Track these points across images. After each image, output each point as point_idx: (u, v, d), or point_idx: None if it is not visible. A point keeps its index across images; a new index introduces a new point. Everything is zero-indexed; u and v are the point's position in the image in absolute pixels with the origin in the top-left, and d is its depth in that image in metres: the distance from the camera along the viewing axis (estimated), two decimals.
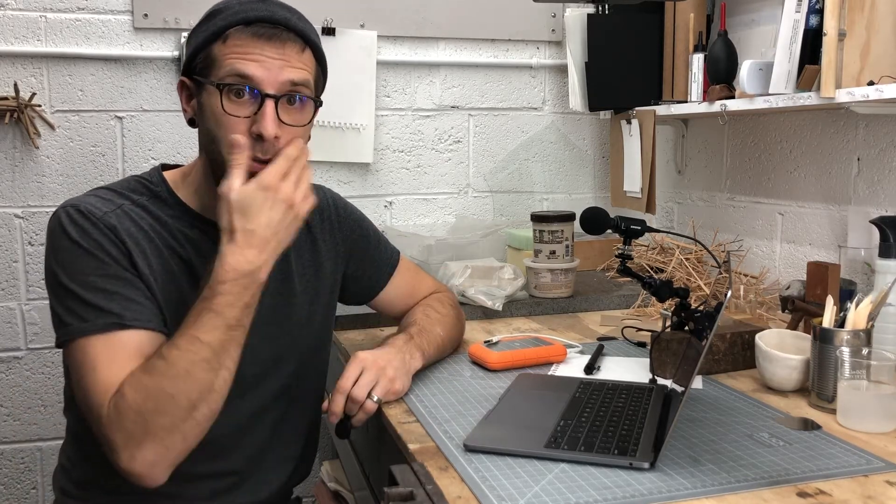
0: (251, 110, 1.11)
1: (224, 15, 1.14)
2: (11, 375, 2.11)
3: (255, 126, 1.10)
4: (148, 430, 1.01)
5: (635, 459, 0.98)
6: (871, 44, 1.43)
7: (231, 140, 1.09)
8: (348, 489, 1.73)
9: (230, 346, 1.05)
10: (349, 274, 1.42)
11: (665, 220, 2.37)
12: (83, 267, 1.10)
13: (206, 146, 1.18)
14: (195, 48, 1.16)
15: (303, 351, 1.32)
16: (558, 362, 1.45)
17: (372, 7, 2.24)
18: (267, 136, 1.10)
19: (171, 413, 1.01)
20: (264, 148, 1.11)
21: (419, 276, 1.54)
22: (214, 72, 1.13)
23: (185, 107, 1.20)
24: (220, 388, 1.05)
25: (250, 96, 1.11)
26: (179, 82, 1.20)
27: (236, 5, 1.15)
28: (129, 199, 1.19)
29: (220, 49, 1.13)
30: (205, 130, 1.16)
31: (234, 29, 1.12)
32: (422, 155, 2.37)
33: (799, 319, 1.48)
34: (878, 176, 1.63)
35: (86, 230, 1.11)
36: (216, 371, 1.04)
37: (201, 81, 1.15)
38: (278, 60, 1.12)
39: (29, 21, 2.03)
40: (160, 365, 1.02)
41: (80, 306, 1.08)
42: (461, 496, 0.91)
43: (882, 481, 0.94)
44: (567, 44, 2.21)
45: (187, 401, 1.02)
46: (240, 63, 1.11)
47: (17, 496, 2.15)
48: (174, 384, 1.01)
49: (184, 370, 1.01)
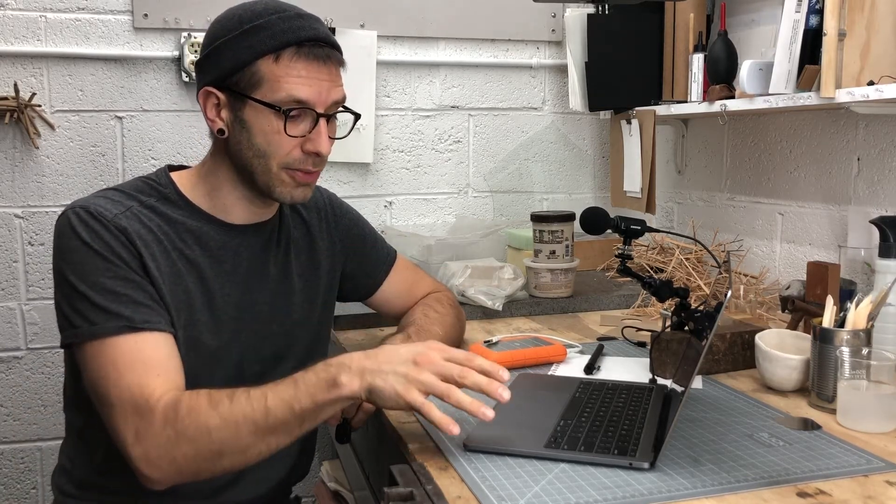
0: (305, 130, 1.17)
1: (270, 32, 1.14)
2: (11, 375, 2.11)
3: (313, 145, 1.18)
4: (173, 450, 1.02)
5: (635, 459, 0.98)
6: (871, 44, 1.43)
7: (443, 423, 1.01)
8: (348, 489, 1.73)
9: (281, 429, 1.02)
10: (346, 272, 1.43)
11: (665, 220, 2.37)
12: (93, 268, 1.10)
13: (245, 158, 1.19)
14: (237, 63, 1.15)
15: (302, 349, 1.32)
16: (558, 362, 1.45)
17: (372, 7, 2.24)
18: (325, 154, 1.19)
19: (199, 448, 1.02)
20: (315, 161, 1.20)
21: (417, 275, 1.55)
22: (266, 92, 1.15)
23: (212, 117, 1.19)
24: (251, 458, 1.04)
25: (304, 117, 1.17)
26: (205, 92, 1.19)
27: (277, 21, 1.15)
28: (138, 200, 1.19)
29: (271, 69, 1.14)
30: (249, 145, 1.18)
31: (288, 49, 1.14)
32: (422, 155, 2.37)
33: (799, 319, 1.48)
34: (878, 176, 1.63)
35: (96, 232, 1.11)
36: (256, 442, 1.02)
37: (246, 96, 1.16)
38: (327, 82, 1.18)
39: (29, 21, 2.03)
40: (222, 400, 1.03)
41: (90, 308, 1.08)
42: (461, 496, 0.91)
43: (882, 481, 0.94)
44: (567, 44, 2.21)
45: (218, 448, 1.02)
46: (298, 88, 1.15)
47: (17, 496, 2.15)
48: (219, 425, 1.01)
49: (234, 418, 1.01)
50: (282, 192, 1.20)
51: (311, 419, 1.03)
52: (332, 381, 1.01)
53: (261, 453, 1.05)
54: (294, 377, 1.03)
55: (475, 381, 1.01)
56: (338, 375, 1.01)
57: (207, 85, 1.18)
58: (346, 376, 1.01)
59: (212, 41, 1.18)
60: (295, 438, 1.05)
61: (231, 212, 1.24)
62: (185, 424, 1.02)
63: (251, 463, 1.05)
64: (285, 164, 1.18)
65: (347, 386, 1.00)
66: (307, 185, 1.22)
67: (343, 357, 1.04)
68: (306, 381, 1.02)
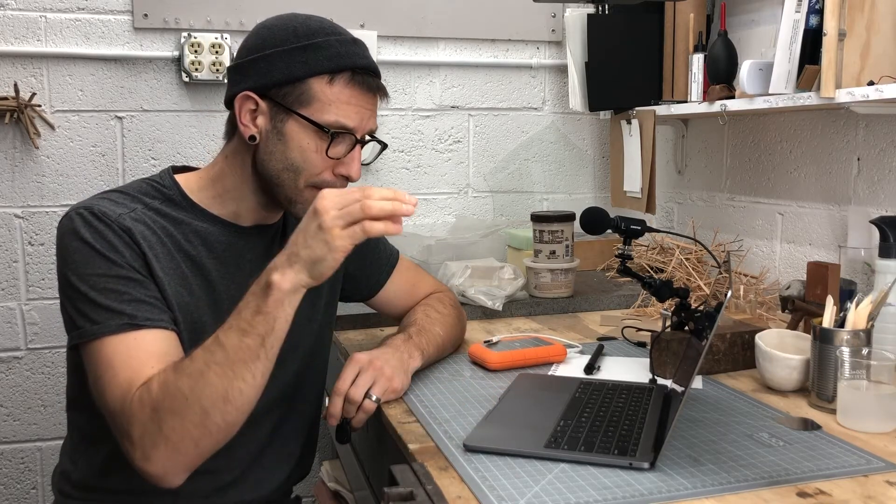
0: (342, 153, 1.19)
1: (328, 54, 1.15)
2: (11, 375, 2.11)
3: (345, 169, 1.20)
4: (161, 429, 1.01)
5: (635, 459, 0.98)
6: (871, 44, 1.43)
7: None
8: (348, 489, 1.73)
9: (245, 355, 1.02)
10: (348, 273, 1.43)
11: (665, 220, 2.37)
12: (95, 268, 1.10)
13: (272, 169, 1.19)
14: (289, 76, 1.15)
15: (304, 351, 1.32)
16: (558, 362, 1.45)
17: (372, 7, 2.24)
18: (355, 179, 1.21)
19: (183, 416, 1.00)
20: (343, 183, 1.21)
21: (419, 275, 1.55)
22: (315, 111, 1.16)
23: (247, 122, 1.19)
24: (235, 399, 1.02)
25: (343, 140, 1.18)
26: (244, 97, 1.18)
27: (336, 43, 1.16)
28: (142, 202, 1.19)
29: (324, 90, 1.15)
30: (282, 157, 1.18)
31: (342, 75, 1.16)
32: (422, 155, 2.37)
33: (799, 319, 1.48)
34: (878, 176, 1.63)
35: (100, 232, 1.11)
36: (229, 380, 1.01)
37: (292, 111, 1.16)
38: (370, 111, 1.20)
39: (29, 21, 2.03)
40: (184, 363, 1.03)
41: (92, 308, 1.08)
42: (461, 496, 0.91)
43: (882, 481, 0.94)
44: (567, 44, 2.21)
45: (199, 406, 1.00)
46: (346, 114, 1.17)
47: (17, 496, 2.15)
48: (189, 384, 1.01)
49: (198, 370, 1.01)
50: (301, 210, 1.18)
51: (269, 332, 1.03)
52: (265, 286, 1.02)
53: (242, 390, 1.02)
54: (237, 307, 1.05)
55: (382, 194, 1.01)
56: (268, 278, 1.02)
57: (249, 90, 1.17)
58: (276, 275, 1.02)
59: (260, 48, 1.17)
60: (270, 360, 1.04)
61: (240, 215, 1.25)
62: (160, 399, 1.01)
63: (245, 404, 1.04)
64: (313, 183, 1.19)
65: (281, 280, 1.01)
66: None
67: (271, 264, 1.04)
68: (245, 301, 1.04)
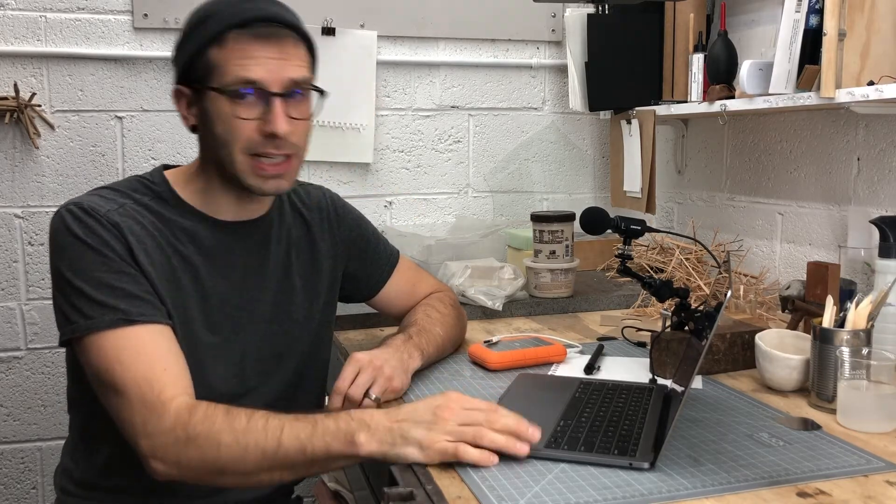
0: (260, 111, 1.14)
1: (217, 18, 1.14)
2: (11, 375, 2.11)
3: (268, 126, 1.14)
4: (179, 450, 1.02)
5: (635, 459, 0.98)
6: (871, 44, 1.43)
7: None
8: (348, 489, 1.73)
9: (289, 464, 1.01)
10: (349, 273, 1.43)
11: (665, 220, 2.37)
12: (88, 263, 1.10)
13: (214, 150, 1.19)
14: (191, 55, 1.16)
15: (303, 349, 1.33)
16: (558, 362, 1.45)
17: (372, 7, 2.24)
18: (281, 134, 1.14)
19: (205, 458, 1.02)
20: (277, 144, 1.16)
21: (420, 275, 1.55)
22: (217, 77, 1.14)
23: (185, 114, 1.21)
24: (251, 483, 1.04)
25: (257, 98, 1.14)
26: (175, 91, 1.20)
27: (226, 8, 1.15)
28: (132, 198, 1.19)
29: (218, 54, 1.14)
30: (213, 136, 1.17)
31: (231, 32, 1.13)
32: (422, 155, 2.37)
33: (799, 319, 1.48)
34: (878, 176, 1.63)
35: (90, 227, 1.12)
36: (263, 470, 1.02)
37: (202, 88, 1.15)
38: (279, 60, 1.14)
39: (29, 21, 2.03)
40: (239, 419, 1.02)
41: (86, 303, 1.09)
42: (461, 496, 0.91)
43: (882, 481, 0.94)
44: (567, 44, 2.21)
45: (224, 463, 1.02)
46: (243, 69, 1.13)
47: (17, 496, 2.15)
48: (228, 442, 1.01)
49: (245, 442, 1.01)
50: (252, 183, 1.18)
51: (320, 465, 1.03)
52: (350, 435, 0.99)
53: (261, 482, 1.04)
54: (315, 417, 1.02)
55: (505, 425, 1.00)
56: (357, 432, 0.99)
57: (176, 83, 1.20)
58: (364, 435, 0.99)
59: (176, 41, 1.20)
60: (300, 478, 1.05)
61: (221, 209, 1.24)
62: (197, 431, 1.02)
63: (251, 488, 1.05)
64: (247, 150, 1.16)
65: (364, 446, 0.98)
66: (279, 177, 1.19)
67: (366, 413, 1.02)
68: (325, 426, 1.00)
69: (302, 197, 1.39)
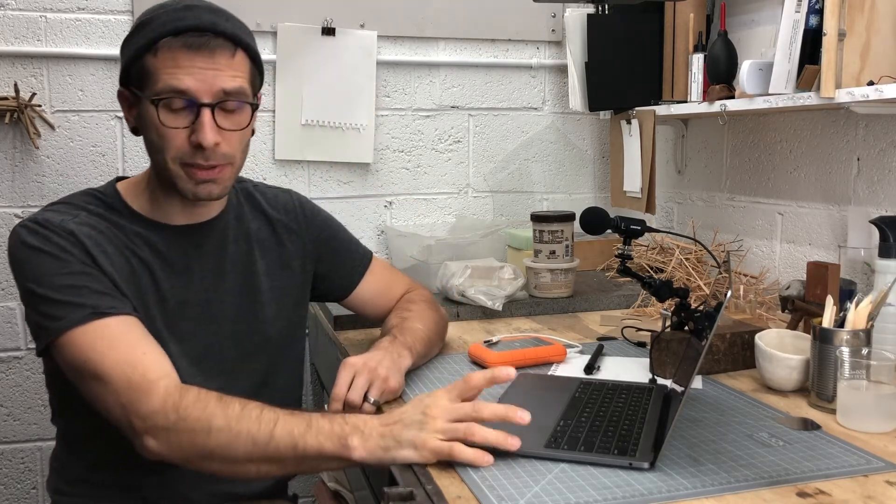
0: (189, 121, 1.15)
1: (153, 26, 1.15)
2: (11, 375, 2.11)
3: (195, 136, 1.14)
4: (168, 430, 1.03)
5: (635, 459, 0.98)
6: (871, 44, 1.43)
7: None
8: (348, 489, 1.73)
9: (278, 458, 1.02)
10: (320, 273, 1.44)
11: (665, 220, 2.37)
12: (47, 270, 1.11)
13: (152, 155, 1.21)
14: (128, 60, 1.17)
15: (273, 346, 1.34)
16: (558, 362, 1.45)
17: (372, 7, 2.24)
18: (207, 145, 1.14)
19: (195, 440, 1.02)
20: (205, 155, 1.15)
21: (394, 275, 1.56)
22: (150, 86, 1.15)
23: (127, 116, 1.22)
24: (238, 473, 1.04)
25: (186, 107, 1.14)
26: (118, 92, 1.22)
27: (163, 15, 1.15)
28: (85, 209, 1.21)
29: (152, 62, 1.14)
30: (148, 140, 1.19)
31: (163, 41, 1.13)
32: (422, 155, 2.37)
33: (799, 319, 1.48)
34: (878, 176, 1.63)
35: (45, 237, 1.13)
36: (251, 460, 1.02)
37: (138, 94, 1.17)
38: (210, 70, 1.14)
39: (29, 21, 2.03)
40: (233, 407, 1.03)
41: (54, 307, 1.10)
42: (461, 496, 0.91)
43: (882, 481, 0.94)
44: (567, 44, 2.21)
45: (213, 448, 1.02)
46: (173, 78, 1.13)
47: (17, 496, 2.15)
48: (221, 426, 1.01)
49: (237, 429, 1.01)
50: (184, 188, 1.19)
51: (310, 464, 1.03)
52: (343, 438, 0.99)
53: (248, 473, 1.04)
54: (310, 416, 1.02)
55: (493, 411, 1.01)
56: (350, 436, 0.99)
57: (119, 85, 1.21)
58: (357, 439, 0.99)
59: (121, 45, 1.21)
60: (288, 473, 1.04)
61: (171, 214, 1.25)
62: (189, 412, 1.02)
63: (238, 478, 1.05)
64: (177, 159, 1.17)
65: (357, 451, 0.99)
66: (210, 182, 1.19)
67: (360, 419, 1.02)
68: (320, 426, 1.01)
69: (268, 198, 1.40)
